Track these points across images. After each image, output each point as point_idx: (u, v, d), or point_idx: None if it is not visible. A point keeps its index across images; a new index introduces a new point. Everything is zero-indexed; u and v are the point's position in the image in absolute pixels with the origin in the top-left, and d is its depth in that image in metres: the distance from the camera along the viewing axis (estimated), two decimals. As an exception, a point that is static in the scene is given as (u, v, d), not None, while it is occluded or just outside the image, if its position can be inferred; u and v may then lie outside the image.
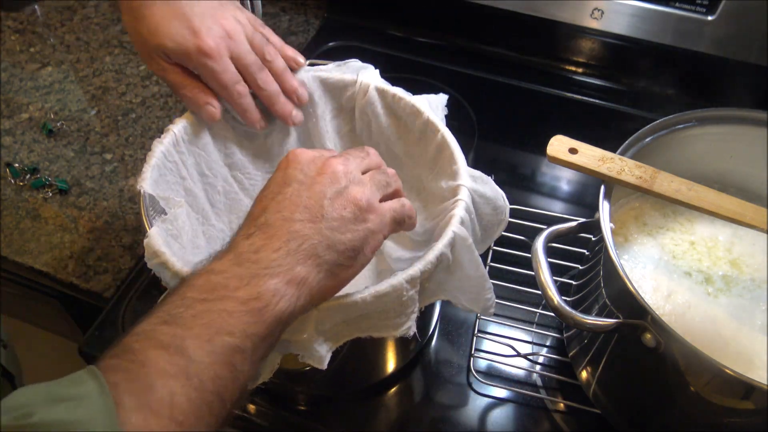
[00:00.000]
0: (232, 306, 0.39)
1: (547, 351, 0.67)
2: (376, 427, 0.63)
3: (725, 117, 0.61)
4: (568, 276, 0.69)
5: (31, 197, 0.79)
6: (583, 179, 0.83)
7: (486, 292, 0.54)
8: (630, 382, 0.57)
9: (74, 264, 0.73)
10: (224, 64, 0.54)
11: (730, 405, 0.49)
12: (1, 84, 0.93)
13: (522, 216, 0.74)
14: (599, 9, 0.84)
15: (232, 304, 0.39)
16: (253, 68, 0.56)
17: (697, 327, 0.56)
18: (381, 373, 0.65)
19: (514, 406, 0.64)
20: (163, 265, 0.47)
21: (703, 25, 0.80)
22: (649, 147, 0.59)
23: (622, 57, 0.91)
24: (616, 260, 0.50)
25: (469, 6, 0.91)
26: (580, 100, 0.92)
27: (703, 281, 0.59)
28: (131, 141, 0.85)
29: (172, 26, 0.53)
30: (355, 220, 0.44)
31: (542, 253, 0.53)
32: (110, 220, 0.76)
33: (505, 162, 0.85)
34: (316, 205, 0.43)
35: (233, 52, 0.55)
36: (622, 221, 0.64)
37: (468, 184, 0.54)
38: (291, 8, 1.05)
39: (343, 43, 0.99)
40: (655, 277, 0.59)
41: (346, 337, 0.49)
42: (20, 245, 0.74)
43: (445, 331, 0.69)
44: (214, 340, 0.37)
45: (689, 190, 0.54)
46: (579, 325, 0.51)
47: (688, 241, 0.62)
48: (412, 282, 0.46)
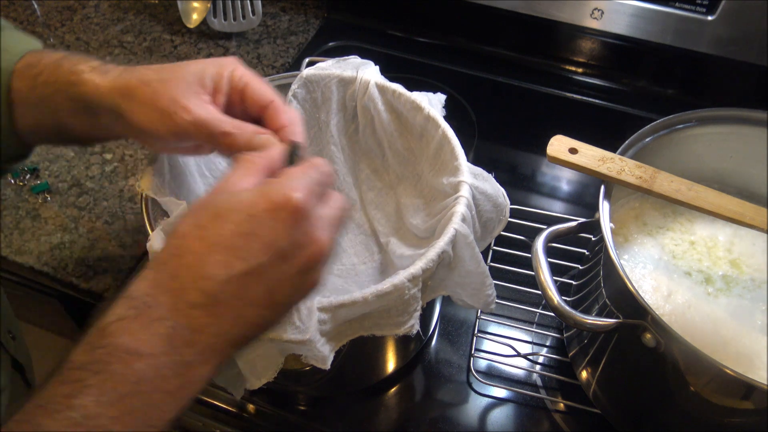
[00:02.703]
0: (158, 399, 0.34)
1: (547, 351, 0.67)
2: (376, 427, 0.63)
3: (725, 117, 0.61)
4: (568, 276, 0.69)
5: (31, 197, 0.79)
6: (583, 179, 0.83)
7: (486, 288, 0.54)
8: (630, 382, 0.57)
9: (74, 264, 0.73)
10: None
11: (730, 405, 0.49)
12: (1, 84, 0.93)
13: (522, 216, 0.74)
14: (599, 9, 0.84)
15: (159, 397, 0.34)
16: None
17: (697, 327, 0.56)
18: (381, 373, 0.65)
19: (514, 406, 0.64)
20: None
21: (703, 25, 0.80)
22: (649, 147, 0.59)
23: (622, 57, 0.91)
24: (616, 260, 0.50)
25: (469, 6, 0.91)
26: (580, 100, 0.92)
27: (703, 281, 0.59)
28: (131, 141, 0.85)
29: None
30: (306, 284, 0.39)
31: (542, 253, 0.53)
32: (110, 220, 0.77)
33: (505, 162, 0.85)
34: (280, 290, 0.38)
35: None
36: (622, 221, 0.64)
37: (469, 180, 0.54)
38: (291, 8, 1.05)
39: (343, 43, 0.99)
40: (655, 277, 0.59)
41: (348, 336, 0.49)
42: (20, 245, 0.74)
43: (445, 331, 0.69)
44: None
45: (689, 190, 0.54)
46: (579, 325, 0.51)
47: (688, 241, 0.62)
48: (413, 280, 0.46)
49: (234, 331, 0.37)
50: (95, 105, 0.47)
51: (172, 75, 0.46)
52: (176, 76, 0.46)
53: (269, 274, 0.37)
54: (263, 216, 0.37)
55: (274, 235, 0.37)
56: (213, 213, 0.37)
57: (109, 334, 0.34)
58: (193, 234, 0.37)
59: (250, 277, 0.36)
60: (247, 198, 0.37)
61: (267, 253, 0.36)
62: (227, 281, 0.36)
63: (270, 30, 1.01)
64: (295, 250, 0.37)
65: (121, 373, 0.33)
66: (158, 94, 0.45)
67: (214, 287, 0.36)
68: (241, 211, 0.37)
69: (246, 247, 0.36)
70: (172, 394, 0.34)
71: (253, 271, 0.36)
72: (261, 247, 0.36)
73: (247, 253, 0.36)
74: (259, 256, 0.36)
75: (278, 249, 0.37)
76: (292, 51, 0.98)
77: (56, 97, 0.48)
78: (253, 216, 0.37)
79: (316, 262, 0.38)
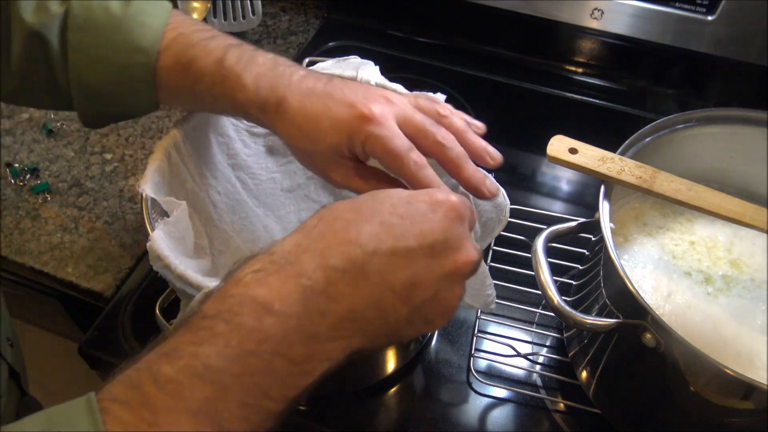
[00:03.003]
0: (281, 366, 0.32)
1: (547, 351, 0.67)
2: (376, 427, 0.63)
3: (725, 117, 0.61)
4: (568, 276, 0.69)
5: (31, 197, 0.79)
6: (583, 179, 0.83)
7: (487, 288, 0.54)
8: (630, 382, 0.57)
9: (74, 264, 0.73)
10: (391, 128, 0.44)
11: (730, 405, 0.49)
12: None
13: (522, 216, 0.74)
14: (599, 9, 0.84)
15: (282, 364, 0.32)
16: (427, 125, 0.46)
17: (697, 327, 0.56)
18: (381, 373, 0.65)
19: (514, 406, 0.64)
20: (167, 267, 0.47)
21: (703, 25, 0.80)
22: (649, 147, 0.59)
23: (622, 57, 0.91)
24: (616, 260, 0.50)
25: (469, 6, 0.91)
26: (580, 100, 0.92)
27: (703, 281, 0.59)
28: (131, 141, 0.85)
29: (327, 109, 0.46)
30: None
31: (542, 253, 0.53)
32: (110, 220, 0.77)
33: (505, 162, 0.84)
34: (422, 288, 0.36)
35: (399, 115, 0.46)
36: (622, 221, 0.64)
37: None
38: (291, 8, 1.05)
39: (343, 43, 0.99)
40: (655, 277, 0.59)
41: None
42: (20, 245, 0.74)
43: (444, 331, 0.69)
44: (253, 406, 0.31)
45: (689, 190, 0.54)
46: (579, 325, 0.51)
47: (688, 241, 0.62)
48: None
49: (368, 314, 0.34)
50: (252, 117, 0.50)
51: (316, 134, 0.46)
52: (317, 147, 0.46)
53: (416, 264, 0.35)
54: (422, 206, 0.37)
55: (429, 225, 0.36)
56: (371, 195, 0.38)
57: (243, 285, 0.34)
58: (348, 206, 0.37)
59: (397, 258, 0.35)
60: (408, 191, 0.38)
61: (419, 240, 0.35)
62: (374, 253, 0.34)
63: (270, 30, 1.01)
64: (446, 249, 0.36)
65: (250, 327, 0.32)
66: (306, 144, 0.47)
67: (360, 256, 0.34)
68: (401, 198, 0.37)
69: (400, 226, 0.35)
70: (295, 365, 0.33)
71: (402, 253, 0.35)
72: (415, 233, 0.35)
73: (400, 233, 0.35)
74: (411, 240, 0.35)
75: (431, 241, 0.36)
76: (292, 51, 0.98)
77: (216, 105, 0.52)
78: (412, 203, 0.37)
79: (463, 273, 0.37)
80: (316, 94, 0.47)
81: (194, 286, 0.46)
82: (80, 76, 0.53)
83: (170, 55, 0.52)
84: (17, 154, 0.84)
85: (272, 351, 0.32)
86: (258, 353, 0.32)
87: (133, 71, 0.52)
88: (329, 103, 0.46)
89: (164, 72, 0.52)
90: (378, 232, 0.35)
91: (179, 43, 0.52)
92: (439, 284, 0.36)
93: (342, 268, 0.34)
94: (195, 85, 0.51)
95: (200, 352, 0.31)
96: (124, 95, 0.54)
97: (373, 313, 0.35)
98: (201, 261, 0.54)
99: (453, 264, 0.37)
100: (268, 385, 0.32)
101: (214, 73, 0.50)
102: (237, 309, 0.33)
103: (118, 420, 0.30)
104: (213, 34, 0.52)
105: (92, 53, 0.52)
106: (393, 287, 0.35)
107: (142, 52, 0.51)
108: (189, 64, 0.51)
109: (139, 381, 0.31)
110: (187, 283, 0.46)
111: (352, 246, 0.34)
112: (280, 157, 0.66)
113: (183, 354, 0.32)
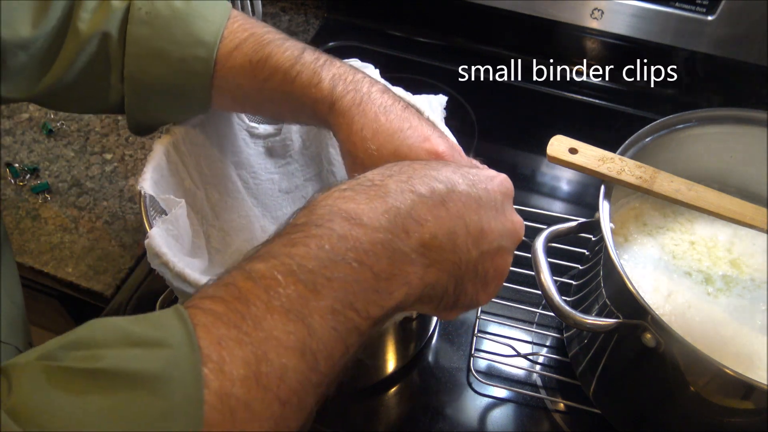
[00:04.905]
0: (367, 278, 0.33)
1: (547, 351, 0.67)
2: (376, 427, 0.63)
3: (725, 117, 0.61)
4: (568, 276, 0.69)
5: (31, 197, 0.79)
6: (583, 179, 0.83)
7: None
8: (630, 382, 0.57)
9: (74, 264, 0.73)
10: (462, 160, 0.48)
11: (730, 405, 0.49)
12: (1, 84, 0.93)
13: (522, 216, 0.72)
14: (599, 9, 0.84)
15: (368, 276, 0.33)
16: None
17: (697, 327, 0.56)
18: (381, 374, 0.65)
19: (514, 406, 0.64)
20: (165, 265, 0.47)
21: (703, 25, 0.80)
22: (649, 147, 0.59)
23: (622, 57, 0.91)
24: (616, 260, 0.50)
25: (469, 6, 0.91)
26: (580, 100, 0.92)
27: (703, 281, 0.59)
28: (131, 141, 0.85)
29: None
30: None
31: (542, 253, 0.53)
32: (110, 220, 0.77)
33: (505, 162, 0.85)
34: (490, 234, 0.39)
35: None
36: (622, 221, 0.64)
37: None
38: (291, 8, 1.05)
39: (343, 43, 0.99)
40: (655, 277, 0.59)
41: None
42: (20, 245, 0.74)
43: (444, 331, 0.69)
44: (340, 314, 0.32)
45: (689, 190, 0.54)
46: (579, 325, 0.51)
47: (688, 241, 0.62)
48: None
49: (445, 245, 0.36)
50: (317, 117, 0.50)
51: (380, 152, 0.47)
52: (373, 163, 0.46)
53: (485, 212, 0.39)
54: (484, 172, 0.41)
55: (492, 186, 0.41)
56: (441, 162, 0.42)
57: (332, 199, 0.35)
58: (420, 161, 0.41)
59: (471, 200, 0.38)
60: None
61: (486, 194, 0.40)
62: (452, 191, 0.38)
63: (270, 30, 1.01)
64: (505, 210, 0.41)
65: (340, 233, 0.33)
66: (365, 156, 0.47)
67: (442, 189, 0.37)
68: (464, 165, 0.42)
69: (469, 177, 0.40)
70: (379, 281, 0.33)
71: (475, 198, 0.39)
72: (482, 188, 0.40)
73: (472, 181, 0.39)
74: (481, 191, 0.39)
75: (494, 198, 0.40)
76: (292, 51, 0.98)
77: (283, 103, 0.52)
78: (473, 169, 0.41)
79: (519, 234, 0.42)
80: (395, 114, 0.48)
81: (192, 285, 0.46)
82: (136, 71, 0.51)
83: (241, 54, 0.51)
84: (17, 154, 0.84)
85: (360, 261, 0.33)
86: (347, 260, 0.32)
87: (191, 65, 0.51)
88: (404, 127, 0.47)
89: (230, 72, 0.51)
90: (453, 176, 0.39)
91: (253, 42, 0.51)
92: (502, 239, 0.40)
93: (426, 196, 0.36)
94: (265, 82, 0.50)
95: (294, 252, 0.32)
96: (178, 92, 0.53)
97: (449, 245, 0.37)
98: (199, 259, 0.54)
99: (512, 224, 0.41)
100: (355, 295, 0.32)
101: (289, 69, 0.49)
102: (329, 217, 0.34)
103: (210, 311, 0.30)
104: (286, 37, 0.52)
105: (152, 45, 0.51)
106: (467, 225, 0.38)
107: (203, 46, 0.51)
108: (264, 60, 0.50)
109: (231, 279, 0.32)
110: (185, 281, 0.46)
111: (433, 180, 0.37)
112: (279, 158, 0.66)
113: (277, 254, 0.32)
